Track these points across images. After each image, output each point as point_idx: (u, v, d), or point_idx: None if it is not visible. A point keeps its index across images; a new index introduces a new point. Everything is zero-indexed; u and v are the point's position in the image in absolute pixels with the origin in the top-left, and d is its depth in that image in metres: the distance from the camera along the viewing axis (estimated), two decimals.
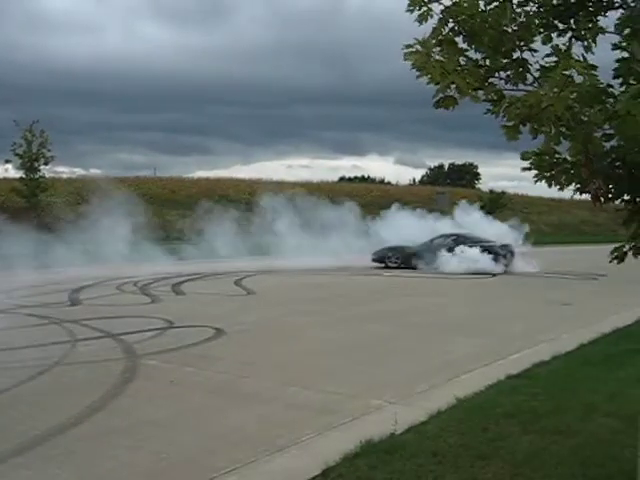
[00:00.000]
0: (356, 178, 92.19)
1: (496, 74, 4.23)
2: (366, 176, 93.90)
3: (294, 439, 7.09)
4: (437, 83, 4.17)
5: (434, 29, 4.09)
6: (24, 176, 40.26)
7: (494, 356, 11.18)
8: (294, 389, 9.22)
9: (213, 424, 7.73)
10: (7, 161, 41.32)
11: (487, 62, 4.19)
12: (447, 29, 4.12)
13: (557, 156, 4.45)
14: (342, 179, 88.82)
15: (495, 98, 4.22)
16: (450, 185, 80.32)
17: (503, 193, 63.90)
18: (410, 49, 4.01)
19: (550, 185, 4.59)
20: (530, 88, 4.17)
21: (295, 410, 8.26)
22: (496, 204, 58.47)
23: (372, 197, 64.93)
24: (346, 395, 8.89)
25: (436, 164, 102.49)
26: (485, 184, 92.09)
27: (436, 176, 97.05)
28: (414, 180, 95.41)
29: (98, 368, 10.28)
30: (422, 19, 4.14)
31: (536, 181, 4.57)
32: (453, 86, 4.09)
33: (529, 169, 4.56)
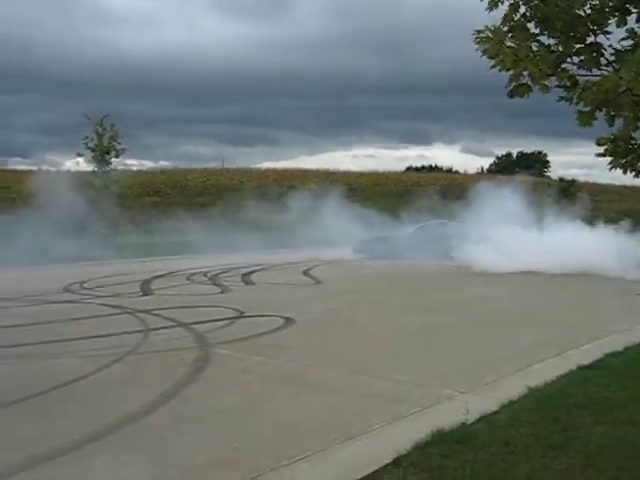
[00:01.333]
0: (423, 167, 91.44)
1: (569, 59, 4.16)
2: (433, 165, 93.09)
3: (365, 428, 7.11)
4: (508, 70, 4.13)
5: (505, 15, 4.05)
6: (96, 169, 41.00)
7: (563, 346, 11.02)
8: (363, 378, 9.23)
9: (283, 413, 7.79)
10: (79, 154, 42.09)
11: (560, 47, 4.12)
12: (519, 15, 4.07)
13: (633, 142, 4.36)
14: (409, 168, 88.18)
15: (568, 84, 4.15)
16: (519, 173, 79.08)
17: (573, 181, 62.71)
18: (481, 35, 3.97)
19: (625, 172, 4.50)
20: (604, 72, 4.09)
21: (365, 399, 8.27)
22: (566, 192, 57.44)
23: (440, 186, 64.35)
24: (415, 384, 8.87)
25: (504, 152, 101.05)
26: (554, 172, 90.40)
27: (504, 164, 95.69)
28: (482, 169, 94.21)
29: (170, 357, 10.45)
30: (493, 5, 4.10)
31: (611, 168, 4.50)
32: (525, 73, 4.04)
33: (604, 155, 4.48)
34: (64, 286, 19.13)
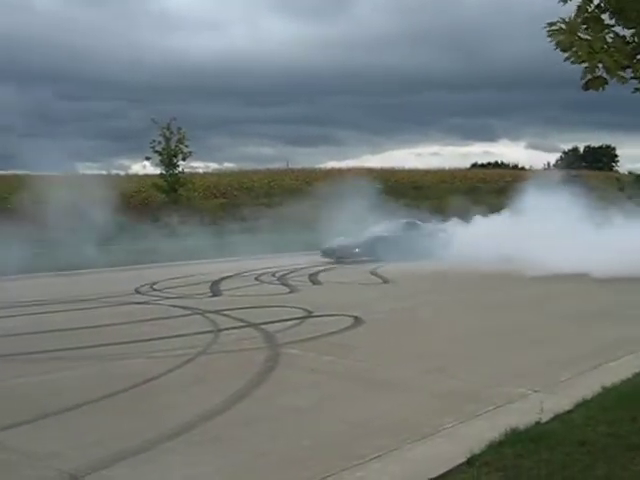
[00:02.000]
0: (489, 164, 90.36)
1: None
2: (498, 162, 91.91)
3: (437, 427, 7.06)
4: (582, 62, 4.05)
5: (579, 7, 3.97)
6: (164, 172, 41.58)
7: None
8: (435, 377, 9.18)
9: (354, 412, 7.79)
10: (147, 158, 42.77)
11: (636, 38, 4.03)
12: (593, 6, 3.99)
13: None
14: (474, 165, 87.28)
15: None
16: (586, 168, 77.50)
17: None
18: (553, 27, 3.90)
19: None
20: None
21: (437, 398, 8.23)
22: (637, 186, 56.20)
23: (506, 182, 63.48)
24: (488, 383, 8.79)
25: (570, 147, 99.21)
26: (622, 166, 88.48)
27: (571, 159, 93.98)
28: (548, 164, 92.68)
29: (241, 357, 10.55)
30: None
31: None
32: (600, 65, 3.96)
33: None
34: (135, 288, 19.47)
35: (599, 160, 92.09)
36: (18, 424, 7.40)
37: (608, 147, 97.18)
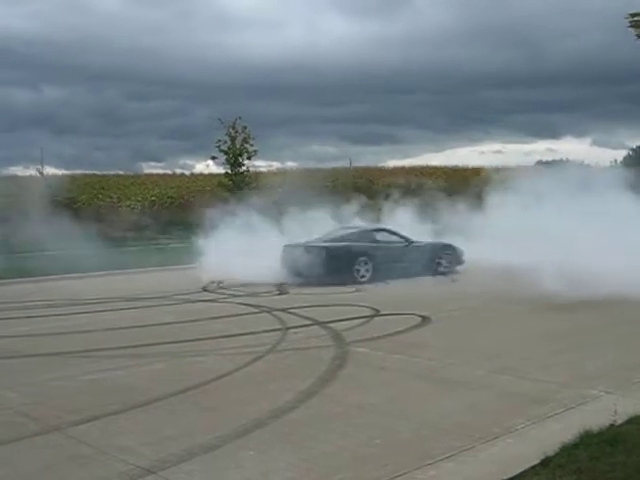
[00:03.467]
0: (554, 161, 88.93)
1: None
2: (559, 159, 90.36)
3: (509, 427, 7.01)
4: None
5: None
6: (229, 171, 41.87)
7: None
8: (504, 377, 9.11)
9: (424, 411, 7.77)
10: (213, 157, 43.11)
11: None
12: None
13: None
14: (539, 163, 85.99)
15: None
16: None
17: None
18: (636, 18, 3.84)
19: None
20: None
21: (507, 398, 8.17)
22: None
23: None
24: (559, 384, 8.68)
25: (638, 144, 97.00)
26: None
27: (639, 156, 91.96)
28: (615, 161, 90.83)
29: (309, 355, 10.61)
30: None
31: None
32: None
33: None
34: (202, 286, 19.72)
35: None
36: (92, 419, 7.58)
37: None
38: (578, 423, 6.81)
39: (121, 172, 52.67)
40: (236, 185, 41.31)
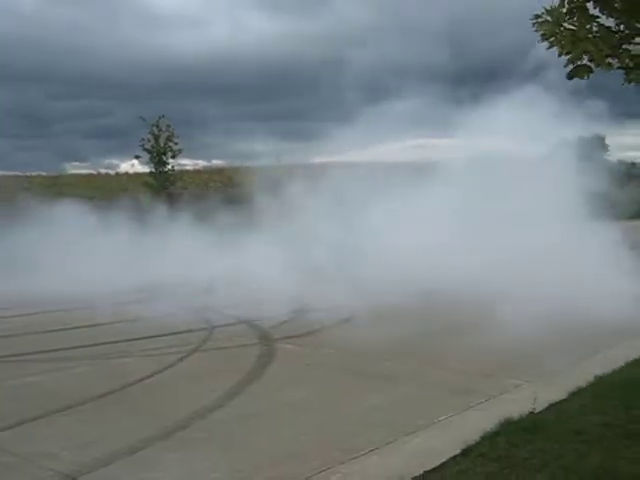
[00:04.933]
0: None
1: (631, 40, 4.08)
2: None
3: (432, 419, 7.10)
4: (567, 53, 4.07)
5: None
6: (153, 170, 41.32)
7: None
8: (429, 370, 9.22)
9: (351, 406, 7.81)
10: (137, 156, 42.48)
11: (621, 28, 4.05)
12: None
13: None
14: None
15: (631, 65, 4.08)
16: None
17: (633, 164, 61.48)
18: (539, 19, 3.92)
19: None
20: None
21: (432, 390, 8.27)
22: (627, 175, 56.47)
23: None
24: (481, 374, 8.83)
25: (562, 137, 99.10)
26: (613, 155, 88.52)
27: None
28: None
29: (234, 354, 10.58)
30: None
31: None
32: (585, 55, 3.98)
33: None
34: None
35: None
36: (15, 425, 7.40)
37: (598, 136, 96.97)
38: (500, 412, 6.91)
39: (44, 173, 51.51)
40: (160, 184, 40.80)
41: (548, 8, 3.96)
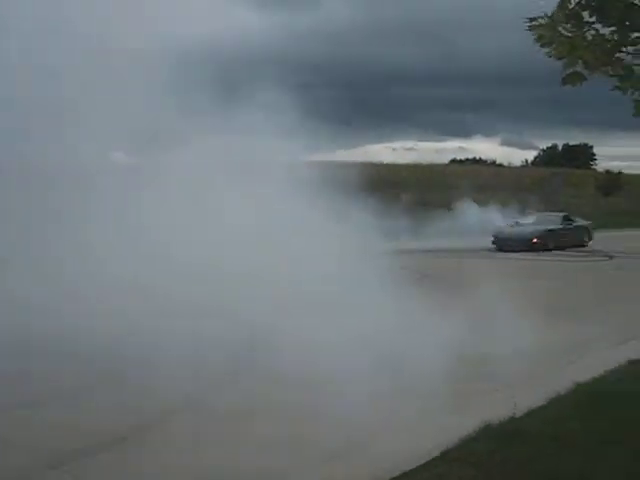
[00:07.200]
0: (467, 160, 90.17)
1: (624, 48, 4.08)
2: (472, 158, 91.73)
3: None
4: (560, 58, 4.06)
5: (561, 3, 3.97)
6: None
7: None
8: None
9: None
10: None
11: (615, 36, 4.05)
12: (574, 3, 3.99)
13: None
14: (453, 161, 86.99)
15: (623, 74, 4.07)
16: (565, 166, 77.56)
17: (619, 174, 61.80)
18: (534, 23, 3.91)
19: None
20: None
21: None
22: (613, 185, 56.80)
23: (484, 179, 62.78)
24: None
25: (549, 145, 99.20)
26: (598, 165, 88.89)
27: (549, 157, 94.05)
28: (527, 161, 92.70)
29: None
30: None
31: None
32: (580, 62, 3.97)
33: None
34: None
35: (576, 158, 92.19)
36: None
37: (585, 145, 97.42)
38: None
39: None
40: None
41: (546, 13, 3.94)
